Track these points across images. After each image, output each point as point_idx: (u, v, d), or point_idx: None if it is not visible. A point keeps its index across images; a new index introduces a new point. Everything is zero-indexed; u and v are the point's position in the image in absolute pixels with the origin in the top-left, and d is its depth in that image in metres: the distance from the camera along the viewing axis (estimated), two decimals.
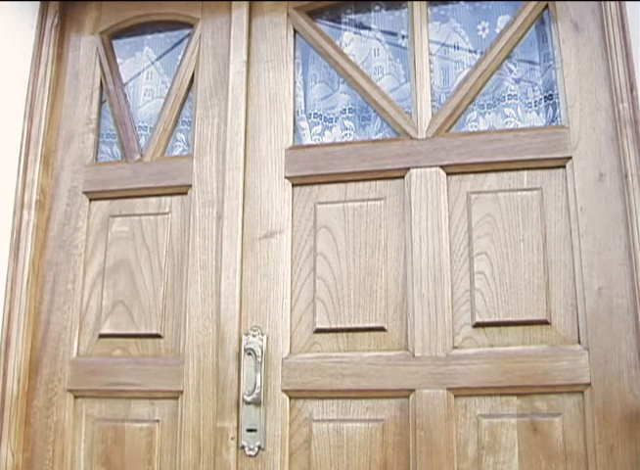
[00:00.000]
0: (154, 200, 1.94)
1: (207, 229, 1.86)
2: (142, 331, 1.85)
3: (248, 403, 1.71)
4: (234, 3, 2.00)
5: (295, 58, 1.99)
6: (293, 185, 1.87)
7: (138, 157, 1.99)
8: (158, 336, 1.84)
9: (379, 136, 1.91)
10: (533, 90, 1.86)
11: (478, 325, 1.68)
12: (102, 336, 1.88)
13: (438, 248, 1.73)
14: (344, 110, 1.96)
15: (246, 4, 1.99)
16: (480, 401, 1.63)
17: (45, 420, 1.84)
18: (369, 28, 2.01)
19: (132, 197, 1.96)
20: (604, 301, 1.60)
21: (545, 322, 1.64)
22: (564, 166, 1.71)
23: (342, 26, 2.03)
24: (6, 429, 1.81)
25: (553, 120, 1.80)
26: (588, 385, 1.58)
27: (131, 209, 1.95)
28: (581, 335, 1.61)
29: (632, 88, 1.67)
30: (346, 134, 1.94)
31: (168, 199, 1.94)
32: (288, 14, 2.00)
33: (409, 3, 1.94)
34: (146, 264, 1.89)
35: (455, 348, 1.68)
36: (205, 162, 1.92)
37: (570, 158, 1.71)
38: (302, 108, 1.98)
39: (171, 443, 1.76)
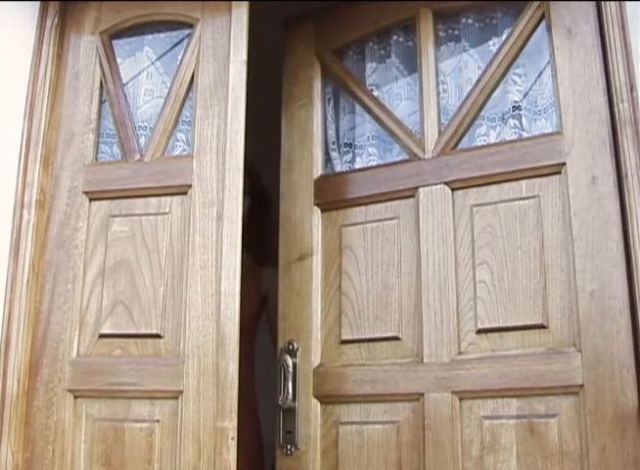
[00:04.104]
0: (154, 200, 1.94)
1: (207, 229, 1.86)
2: (142, 331, 1.84)
3: (285, 409, 1.92)
4: (234, 3, 1.99)
5: (324, 95, 2.12)
6: (321, 211, 2.01)
7: (138, 157, 1.98)
8: (158, 336, 1.83)
9: (398, 159, 2.00)
10: (542, 98, 1.85)
11: (480, 331, 1.72)
12: (102, 336, 1.87)
13: (444, 260, 1.80)
14: (369, 137, 2.07)
15: (246, 4, 1.98)
16: (484, 404, 1.68)
17: (45, 420, 1.83)
18: (389, 57, 2.10)
19: (132, 197, 1.95)
20: (596, 303, 1.60)
21: (542, 326, 1.66)
22: (559, 173, 1.71)
23: (367, 57, 2.13)
24: (6, 429, 1.80)
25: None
26: (581, 386, 1.58)
27: (131, 209, 1.94)
28: (575, 337, 1.62)
29: (632, 88, 1.65)
30: (371, 160, 2.06)
31: (168, 199, 1.93)
32: (316, 54, 2.13)
33: (417, 25, 1.99)
34: (146, 264, 1.88)
35: (460, 353, 1.73)
36: (205, 162, 1.91)
37: (564, 163, 1.70)
38: (334, 139, 2.11)
39: (171, 443, 1.75)
